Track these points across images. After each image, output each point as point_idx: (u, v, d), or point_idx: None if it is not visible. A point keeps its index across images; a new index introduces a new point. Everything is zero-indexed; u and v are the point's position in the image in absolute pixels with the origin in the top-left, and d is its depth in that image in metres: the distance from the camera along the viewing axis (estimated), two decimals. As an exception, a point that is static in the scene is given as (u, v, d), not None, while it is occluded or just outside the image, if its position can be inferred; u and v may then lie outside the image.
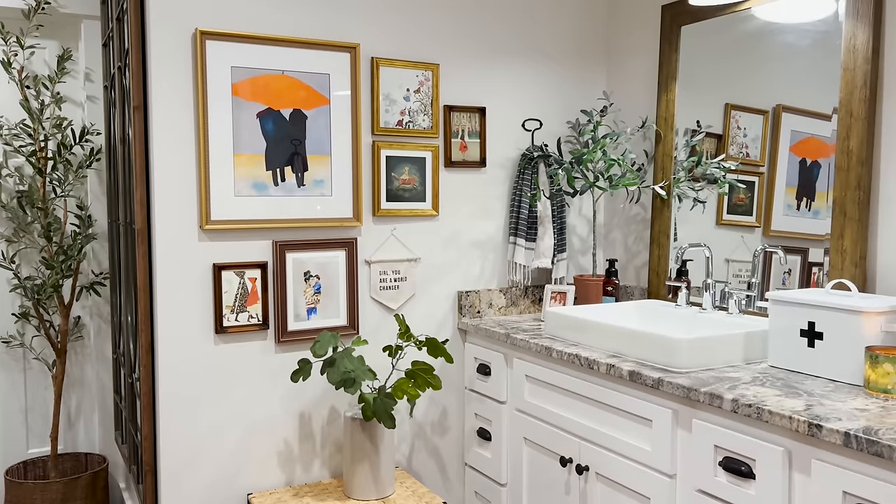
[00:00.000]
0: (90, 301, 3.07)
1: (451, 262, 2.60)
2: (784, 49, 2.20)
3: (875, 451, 1.30)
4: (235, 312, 2.25)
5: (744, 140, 2.41)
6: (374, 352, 2.46)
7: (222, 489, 2.27)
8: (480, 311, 2.64)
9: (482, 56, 2.61)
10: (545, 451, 2.20)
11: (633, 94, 2.75)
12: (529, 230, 2.64)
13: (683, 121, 2.55)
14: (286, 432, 2.35)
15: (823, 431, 1.39)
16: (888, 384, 1.55)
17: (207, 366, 2.23)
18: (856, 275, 1.95)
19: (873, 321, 1.67)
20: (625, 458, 1.89)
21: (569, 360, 2.05)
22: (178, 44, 2.14)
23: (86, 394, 3.10)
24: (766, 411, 1.50)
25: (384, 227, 2.48)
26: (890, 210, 1.93)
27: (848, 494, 1.37)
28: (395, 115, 2.46)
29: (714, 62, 2.44)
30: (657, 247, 2.57)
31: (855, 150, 1.95)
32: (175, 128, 2.15)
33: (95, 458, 3.01)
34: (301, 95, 2.30)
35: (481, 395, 2.51)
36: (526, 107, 2.71)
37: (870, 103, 1.93)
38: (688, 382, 1.70)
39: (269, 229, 2.29)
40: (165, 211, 2.15)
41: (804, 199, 2.19)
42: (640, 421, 1.85)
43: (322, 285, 2.37)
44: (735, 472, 1.59)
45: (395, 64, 2.45)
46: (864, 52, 1.93)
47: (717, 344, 1.84)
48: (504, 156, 2.68)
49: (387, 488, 2.25)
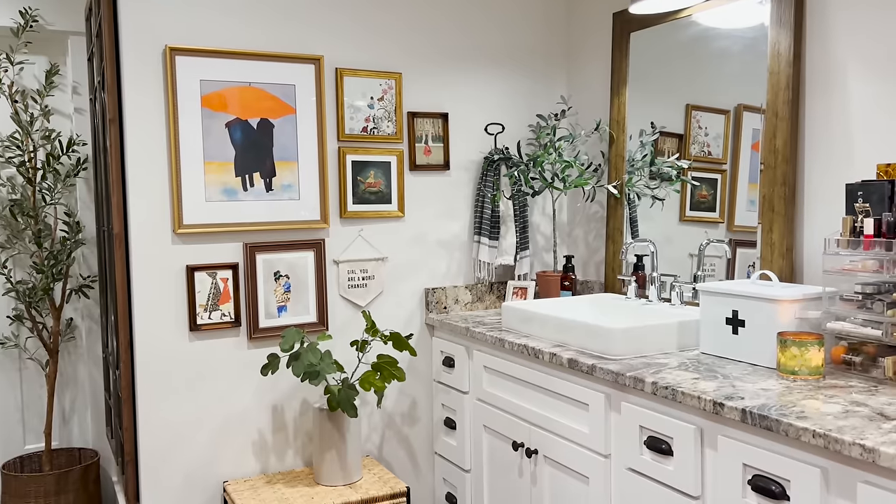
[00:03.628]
0: (80, 303, 3.23)
1: (417, 261, 2.73)
2: (723, 53, 2.32)
3: (766, 426, 1.43)
4: (209, 311, 2.39)
5: (705, 139, 2.52)
6: (342, 346, 2.60)
7: (199, 477, 2.41)
8: (447, 307, 2.77)
9: (444, 64, 2.75)
10: (501, 436, 2.33)
11: (589, 98, 2.88)
12: (493, 229, 2.77)
13: (638, 122, 2.67)
14: (260, 423, 2.50)
15: (725, 409, 1.52)
16: (795, 366, 1.67)
17: (183, 361, 2.37)
18: (783, 266, 2.07)
19: (788, 309, 1.79)
20: (567, 441, 2.02)
21: (518, 350, 2.19)
22: (149, 59, 2.29)
23: (79, 392, 3.26)
24: (679, 392, 1.63)
25: (351, 229, 2.62)
26: (813, 205, 2.05)
27: (747, 466, 1.50)
28: (360, 122, 2.60)
29: (667, 66, 2.56)
30: (612, 243, 2.70)
31: (780, 148, 2.07)
32: (148, 138, 2.30)
33: (88, 453, 3.17)
34: (268, 105, 2.44)
35: (447, 387, 2.65)
36: (488, 111, 2.84)
37: (793, 105, 2.05)
38: (617, 368, 1.83)
39: (239, 232, 2.43)
40: (140, 216, 2.30)
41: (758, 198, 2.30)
42: (579, 405, 1.98)
43: (292, 284, 2.51)
44: (657, 449, 1.71)
45: (359, 74, 2.59)
46: (787, 57, 2.05)
47: (649, 332, 1.97)
48: (467, 159, 2.81)
49: (353, 475, 2.39)
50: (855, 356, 1.70)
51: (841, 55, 1.97)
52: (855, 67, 1.94)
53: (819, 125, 2.03)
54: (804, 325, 1.80)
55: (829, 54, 2.00)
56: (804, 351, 1.66)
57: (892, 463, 1.21)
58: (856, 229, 1.72)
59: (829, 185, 2.01)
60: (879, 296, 1.65)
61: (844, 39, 1.96)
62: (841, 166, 1.97)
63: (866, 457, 1.25)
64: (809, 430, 1.34)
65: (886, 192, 1.68)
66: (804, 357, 1.66)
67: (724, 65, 2.32)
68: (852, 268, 1.70)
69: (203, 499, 2.41)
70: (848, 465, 1.31)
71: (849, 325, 1.70)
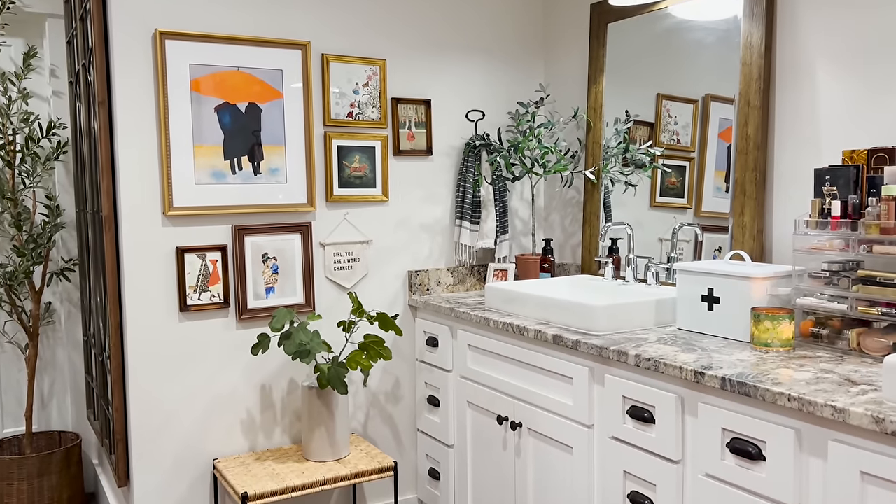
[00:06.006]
0: (60, 287, 3.22)
1: (401, 244, 2.80)
2: (695, 45, 2.43)
3: (744, 392, 1.54)
4: (198, 292, 2.43)
5: (675, 127, 2.63)
6: (330, 327, 2.66)
7: (190, 455, 2.46)
8: (429, 289, 2.84)
9: (427, 51, 2.81)
10: (485, 412, 2.42)
11: (567, 87, 2.98)
12: (474, 213, 2.86)
13: (614, 110, 2.77)
14: (248, 403, 2.55)
15: (706, 378, 1.63)
16: (768, 339, 1.79)
17: (173, 342, 2.41)
18: (754, 247, 2.19)
19: (761, 286, 1.91)
20: (551, 413, 2.12)
21: (503, 328, 2.27)
22: (138, 43, 2.31)
23: (58, 375, 3.26)
24: (662, 363, 1.73)
25: (337, 212, 2.67)
26: (782, 189, 2.17)
27: (726, 430, 1.61)
28: (346, 108, 2.65)
29: (642, 56, 2.66)
30: (589, 227, 2.80)
31: (752, 135, 2.19)
32: (138, 121, 2.32)
33: (69, 436, 3.17)
34: (256, 90, 2.48)
35: (430, 366, 2.73)
36: (469, 98, 2.91)
37: (764, 94, 2.17)
38: (601, 343, 1.93)
39: (228, 215, 2.47)
40: (130, 199, 2.33)
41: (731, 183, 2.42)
42: (563, 379, 2.08)
43: (279, 266, 2.56)
44: (640, 418, 1.82)
45: (345, 60, 2.64)
46: (759, 49, 2.17)
47: (630, 310, 2.08)
48: (449, 144, 2.88)
49: (342, 451, 2.46)
50: (822, 329, 1.82)
51: (809, 49, 2.09)
52: (823, 60, 2.06)
53: (789, 114, 2.15)
54: (775, 301, 1.92)
55: (799, 48, 2.12)
56: (776, 324, 1.78)
57: (860, 421, 1.33)
58: (823, 211, 1.84)
59: (798, 170, 2.13)
60: (845, 273, 1.78)
61: (813, 34, 2.08)
62: (809, 152, 2.10)
63: (837, 416, 1.36)
64: (785, 395, 1.45)
65: (852, 177, 1.81)
66: (776, 330, 1.78)
67: (698, 56, 2.43)
68: (820, 247, 1.82)
69: (193, 477, 2.46)
70: (819, 426, 1.43)
71: (816, 300, 1.82)
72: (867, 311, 1.71)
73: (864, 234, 1.72)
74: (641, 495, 1.83)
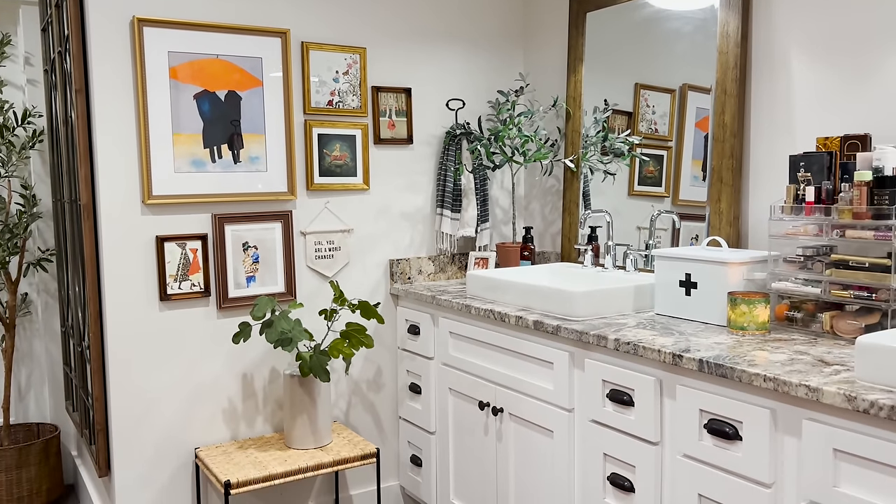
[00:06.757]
0: (37, 278, 3.19)
1: (382, 233, 2.81)
2: (673, 34, 2.45)
3: (721, 373, 1.57)
4: (178, 281, 2.42)
5: (653, 117, 2.65)
6: (311, 315, 2.66)
7: (171, 445, 2.45)
8: (411, 278, 2.86)
9: (408, 39, 2.81)
10: (467, 398, 2.44)
11: (546, 75, 2.99)
12: (455, 202, 2.87)
13: (593, 100, 2.79)
14: (230, 392, 2.54)
15: (684, 360, 1.66)
16: (744, 322, 1.82)
17: (154, 331, 2.40)
18: (730, 233, 2.23)
19: (737, 271, 1.95)
20: (532, 398, 2.15)
21: (485, 315, 2.29)
22: (116, 30, 2.29)
23: (35, 367, 3.23)
24: (640, 347, 1.76)
25: (318, 201, 2.67)
26: (758, 177, 2.21)
27: (703, 411, 1.64)
28: (326, 96, 2.65)
29: (621, 45, 2.68)
30: (568, 215, 2.82)
31: (728, 123, 2.22)
32: (116, 109, 2.30)
33: (47, 428, 3.15)
34: (235, 78, 2.46)
35: (412, 353, 2.74)
36: (450, 87, 2.92)
37: (740, 82, 2.20)
38: (581, 327, 1.95)
39: (208, 203, 2.46)
40: (109, 187, 2.31)
41: (708, 171, 2.45)
42: (544, 364, 2.10)
43: (260, 255, 2.56)
44: (619, 401, 1.85)
45: (325, 48, 2.63)
46: (735, 38, 2.20)
47: (609, 295, 2.10)
48: (430, 133, 2.89)
49: (324, 438, 2.47)
50: (797, 313, 1.86)
51: (785, 38, 2.12)
52: (797, 49, 2.09)
53: (764, 102, 2.18)
54: (751, 286, 1.96)
55: (774, 37, 2.15)
56: (752, 308, 1.81)
57: (833, 400, 1.36)
58: (798, 197, 1.87)
59: (774, 157, 2.17)
60: (818, 257, 1.82)
61: (788, 23, 2.11)
62: (784, 139, 2.14)
63: (811, 396, 1.40)
64: (761, 375, 1.49)
65: (825, 163, 1.84)
66: (752, 314, 1.81)
67: (676, 45, 2.46)
68: (795, 232, 1.86)
69: (175, 466, 2.46)
70: (794, 405, 1.46)
71: (791, 284, 1.86)
72: (840, 294, 1.75)
73: (838, 219, 1.76)
74: (621, 477, 1.86)
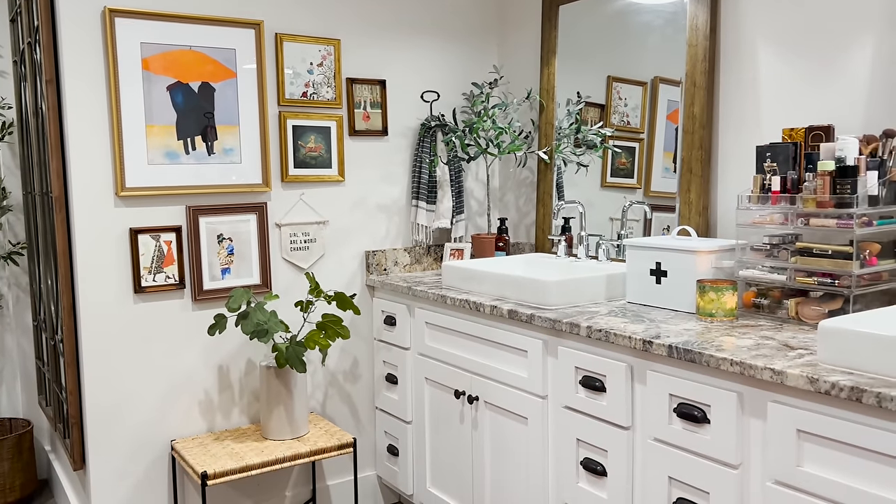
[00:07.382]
0: (7, 272, 3.16)
1: (358, 224, 2.82)
2: (644, 27, 2.49)
3: (690, 358, 1.61)
4: (153, 273, 2.41)
5: (625, 109, 2.69)
6: (287, 307, 2.66)
7: (146, 438, 2.45)
8: (387, 269, 2.87)
9: (382, 31, 2.82)
10: (443, 387, 2.47)
11: (520, 68, 3.02)
12: (430, 194, 2.88)
13: (566, 92, 2.82)
14: (206, 384, 2.54)
15: (654, 346, 1.69)
16: (712, 309, 1.87)
17: (128, 323, 2.39)
18: (700, 223, 2.27)
19: (706, 259, 1.99)
20: (507, 386, 2.18)
21: (460, 305, 2.32)
22: (87, 21, 2.27)
23: (7, 362, 3.20)
24: (612, 334, 1.80)
25: (293, 192, 2.67)
26: (726, 167, 2.26)
27: (673, 396, 1.68)
28: (300, 87, 2.65)
29: (593, 38, 2.71)
30: (542, 206, 2.85)
31: (698, 115, 2.26)
32: (88, 100, 2.28)
33: (20, 423, 3.12)
34: (209, 69, 2.46)
35: (388, 344, 2.76)
36: (425, 79, 2.93)
37: (709, 74, 2.24)
38: (554, 316, 1.99)
39: (181, 195, 2.45)
40: (82, 179, 2.29)
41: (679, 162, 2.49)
42: (518, 352, 2.13)
43: (235, 247, 2.56)
44: (591, 387, 1.88)
45: (298, 39, 2.63)
46: (704, 31, 2.24)
47: (581, 284, 2.14)
48: (405, 125, 2.90)
49: (301, 429, 2.48)
50: (763, 300, 1.91)
51: (751, 32, 2.16)
52: (763, 42, 2.14)
53: (732, 93, 2.23)
54: (720, 274, 2.00)
55: (741, 30, 2.19)
56: (720, 295, 1.85)
57: (796, 382, 1.41)
58: (764, 186, 1.92)
59: (741, 147, 2.21)
60: (784, 245, 1.86)
61: (755, 16, 2.15)
62: (751, 131, 2.18)
63: (776, 378, 1.44)
64: (728, 360, 1.53)
65: (791, 153, 1.89)
66: (720, 301, 1.86)
67: (647, 38, 2.49)
68: (761, 221, 1.91)
69: (150, 458, 2.45)
70: (760, 388, 1.51)
71: (758, 272, 1.90)
72: (804, 281, 1.79)
73: (802, 207, 1.81)
74: (594, 461, 1.90)
